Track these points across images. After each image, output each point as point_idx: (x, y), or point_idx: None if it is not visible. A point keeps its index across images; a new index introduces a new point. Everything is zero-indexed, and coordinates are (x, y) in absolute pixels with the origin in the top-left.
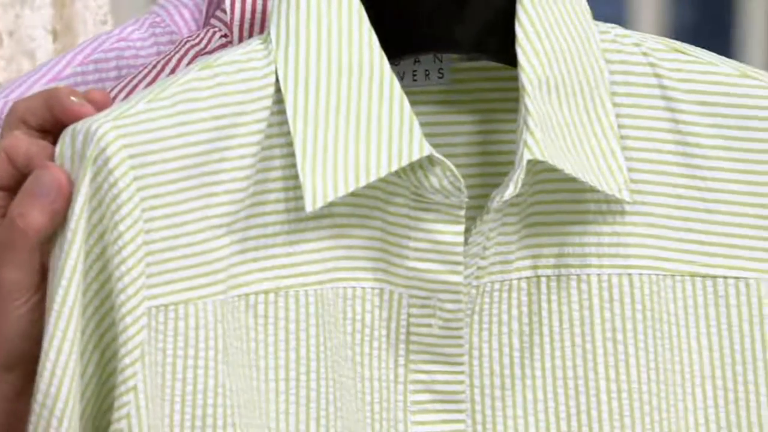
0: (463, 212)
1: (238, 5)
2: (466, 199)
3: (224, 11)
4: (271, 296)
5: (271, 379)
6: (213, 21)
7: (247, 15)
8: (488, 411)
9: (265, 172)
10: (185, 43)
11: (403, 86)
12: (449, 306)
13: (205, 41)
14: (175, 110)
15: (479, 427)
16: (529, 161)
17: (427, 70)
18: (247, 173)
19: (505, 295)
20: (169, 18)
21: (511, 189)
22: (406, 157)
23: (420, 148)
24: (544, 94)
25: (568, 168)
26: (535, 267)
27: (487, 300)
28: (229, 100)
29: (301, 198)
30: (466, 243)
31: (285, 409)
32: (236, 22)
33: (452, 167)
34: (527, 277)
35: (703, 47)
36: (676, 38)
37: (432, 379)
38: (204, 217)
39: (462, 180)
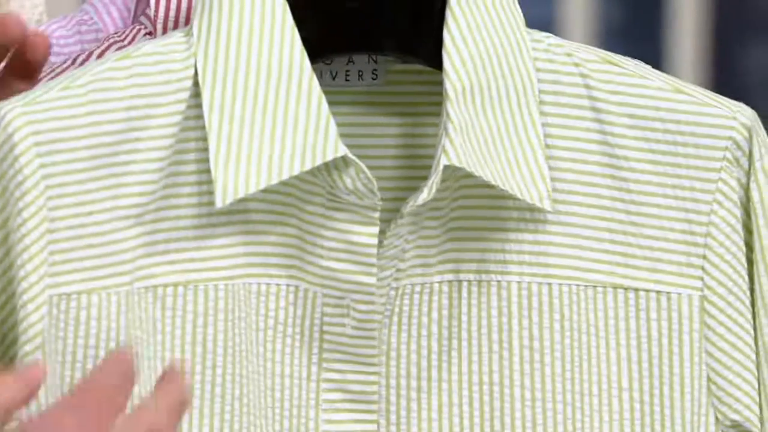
0: (377, 214)
1: (162, 2)
2: (380, 202)
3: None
4: (180, 289)
5: None
6: (141, 19)
7: (171, 13)
8: (403, 412)
9: (179, 165)
10: (109, 39)
11: (334, 86)
12: (362, 307)
13: (129, 38)
14: (87, 99)
15: (393, 428)
16: (446, 167)
17: (360, 71)
18: (160, 165)
19: (425, 297)
20: (97, 15)
21: (425, 194)
22: (320, 156)
23: (334, 148)
24: (468, 100)
25: (488, 175)
26: (456, 271)
27: (406, 302)
28: (145, 92)
29: (213, 193)
30: (381, 245)
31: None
32: (160, 20)
33: (365, 169)
34: (449, 281)
35: (632, 48)
36: (606, 40)
37: (344, 378)
38: (113, 207)
39: (375, 182)
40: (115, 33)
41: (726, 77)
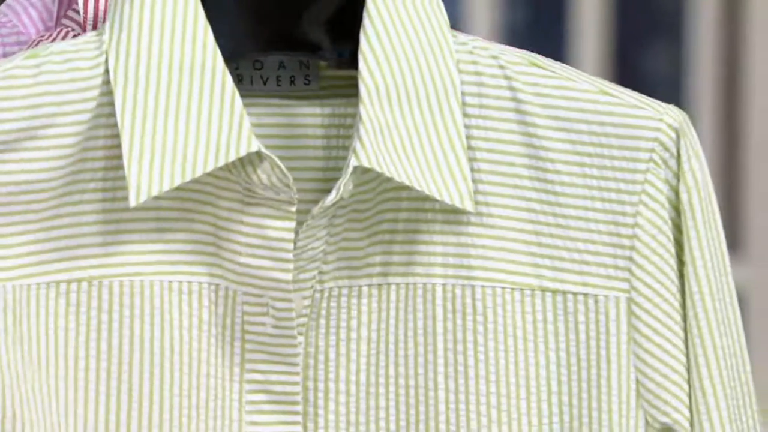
0: (293, 208)
1: (91, 4)
2: (296, 195)
3: (77, 11)
4: (84, 285)
5: (81, 368)
6: (65, 21)
7: (101, 14)
8: (331, 416)
9: (85, 162)
10: (36, 43)
11: (265, 90)
12: (279, 305)
13: (58, 41)
14: None
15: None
16: (356, 168)
17: (292, 76)
18: (63, 162)
19: (353, 300)
20: (17, 18)
21: (332, 195)
22: (233, 152)
23: (248, 144)
24: (384, 102)
25: (402, 176)
26: (385, 274)
27: (333, 304)
28: (53, 89)
29: (122, 189)
30: (296, 247)
31: (95, 398)
32: (89, 22)
33: (279, 163)
34: (378, 284)
35: (535, 48)
36: (509, 40)
37: (267, 379)
38: (9, 202)
39: (290, 176)
40: (42, 36)
41: (628, 77)
